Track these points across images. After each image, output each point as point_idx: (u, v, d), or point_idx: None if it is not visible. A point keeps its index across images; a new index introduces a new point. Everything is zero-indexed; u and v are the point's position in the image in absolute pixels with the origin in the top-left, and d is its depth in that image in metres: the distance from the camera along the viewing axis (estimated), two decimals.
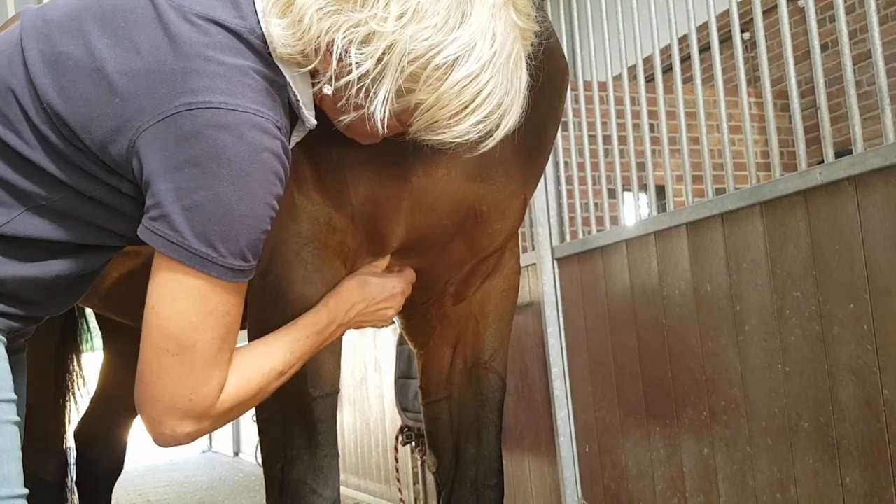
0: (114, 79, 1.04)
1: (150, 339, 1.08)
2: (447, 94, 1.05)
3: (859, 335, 1.98)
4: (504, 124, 1.11)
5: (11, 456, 1.10)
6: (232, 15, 1.07)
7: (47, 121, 1.07)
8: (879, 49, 2.04)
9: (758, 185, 2.25)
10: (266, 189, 1.06)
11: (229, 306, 1.09)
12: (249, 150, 1.03)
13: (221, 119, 1.02)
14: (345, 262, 1.46)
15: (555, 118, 1.68)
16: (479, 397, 1.76)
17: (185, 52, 1.03)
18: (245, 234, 1.05)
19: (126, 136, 1.03)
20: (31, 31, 1.11)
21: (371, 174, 1.41)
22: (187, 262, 1.04)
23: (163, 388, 1.08)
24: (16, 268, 1.12)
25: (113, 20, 1.07)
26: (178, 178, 1.02)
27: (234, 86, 1.04)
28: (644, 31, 2.85)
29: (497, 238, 1.64)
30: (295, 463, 1.47)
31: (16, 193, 1.10)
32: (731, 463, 2.37)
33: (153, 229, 1.05)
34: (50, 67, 1.07)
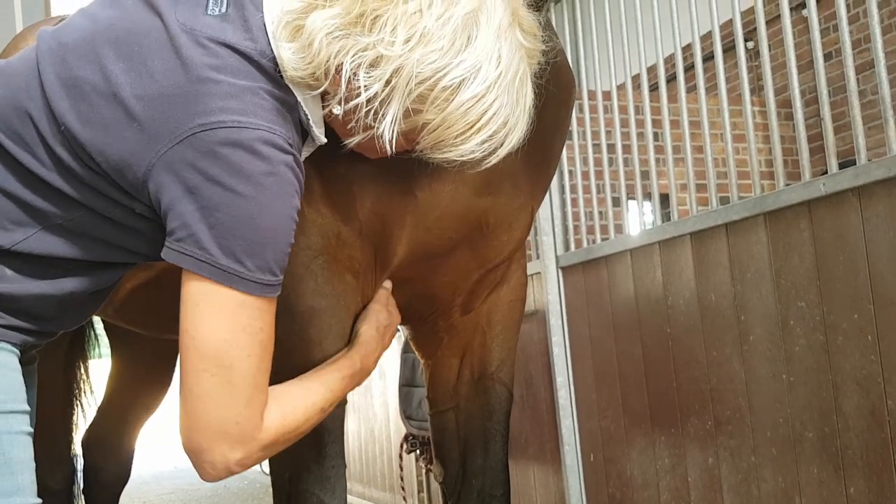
0: (130, 103, 1.06)
1: (188, 363, 1.09)
2: (453, 115, 1.07)
3: (864, 345, 1.98)
4: (508, 142, 1.12)
5: (26, 466, 1.12)
6: (242, 38, 1.09)
7: (64, 143, 1.09)
8: (882, 59, 2.04)
9: (762, 195, 2.26)
10: (285, 201, 1.08)
11: (262, 322, 1.10)
12: (266, 165, 1.05)
13: (235, 137, 1.04)
14: (355, 275, 1.47)
15: (561, 131, 1.69)
16: (486, 408, 1.77)
17: (197, 76, 1.05)
18: (270, 247, 1.07)
19: (144, 159, 1.05)
20: (47, 54, 1.12)
21: (378, 188, 1.42)
22: (216, 279, 1.06)
23: (208, 413, 1.08)
24: (31, 285, 1.14)
25: (127, 45, 1.09)
26: (199, 197, 1.04)
27: (246, 105, 1.06)
28: (648, 40, 2.86)
29: (504, 250, 1.65)
30: (302, 473, 1.47)
31: (32, 212, 1.12)
32: (736, 473, 2.37)
33: (180, 250, 1.06)
34: (67, 91, 1.09)
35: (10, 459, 1.10)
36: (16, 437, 1.12)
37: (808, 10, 2.25)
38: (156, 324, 2.20)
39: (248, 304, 1.08)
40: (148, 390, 2.84)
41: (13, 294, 1.13)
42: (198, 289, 1.07)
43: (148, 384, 2.84)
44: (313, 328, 1.40)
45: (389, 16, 1.04)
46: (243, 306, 1.08)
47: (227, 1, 1.12)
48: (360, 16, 1.05)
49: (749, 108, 2.46)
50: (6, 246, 1.11)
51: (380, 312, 1.50)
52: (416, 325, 1.82)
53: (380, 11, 1.04)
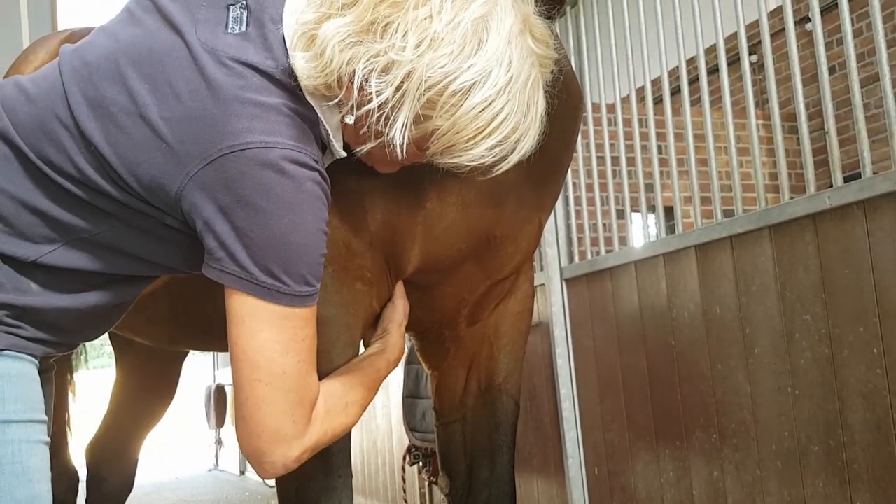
0: (158, 125, 1.08)
1: (241, 374, 1.13)
2: (463, 119, 1.08)
3: (869, 359, 1.97)
4: (519, 149, 1.13)
5: (43, 475, 1.15)
6: (264, 57, 1.12)
7: (93, 161, 1.11)
8: (887, 73, 2.05)
9: (767, 208, 2.26)
10: (315, 216, 1.11)
11: (306, 330, 1.15)
12: (294, 183, 1.08)
13: (263, 157, 1.07)
14: (366, 283, 1.48)
15: (569, 144, 1.69)
16: (493, 420, 1.77)
17: (223, 97, 1.08)
18: (304, 261, 1.11)
19: (175, 180, 1.08)
20: (71, 74, 1.15)
21: (387, 201, 1.43)
22: (258, 296, 1.10)
23: (265, 418, 1.13)
24: (55, 298, 1.17)
25: (150, 65, 1.11)
26: (233, 218, 1.07)
27: (272, 125, 1.09)
28: (652, 53, 2.87)
29: (511, 262, 1.66)
30: (309, 483, 1.47)
31: (58, 227, 1.15)
32: (741, 486, 2.36)
33: (220, 268, 1.10)
34: (94, 112, 1.11)
35: (28, 468, 1.12)
36: (34, 446, 1.14)
37: (813, 23, 2.26)
38: (162, 334, 2.20)
39: (291, 315, 1.12)
40: (152, 401, 2.83)
41: (38, 307, 1.16)
42: (242, 305, 1.11)
43: (152, 395, 2.83)
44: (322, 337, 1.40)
45: (400, 22, 1.05)
46: (288, 318, 1.12)
47: (246, 19, 1.14)
48: (371, 23, 1.06)
49: (754, 121, 2.47)
50: (32, 258, 1.14)
51: (399, 309, 1.55)
52: (423, 336, 1.82)
53: (391, 18, 1.06)
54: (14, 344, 1.14)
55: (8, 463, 1.10)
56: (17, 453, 1.11)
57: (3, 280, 1.13)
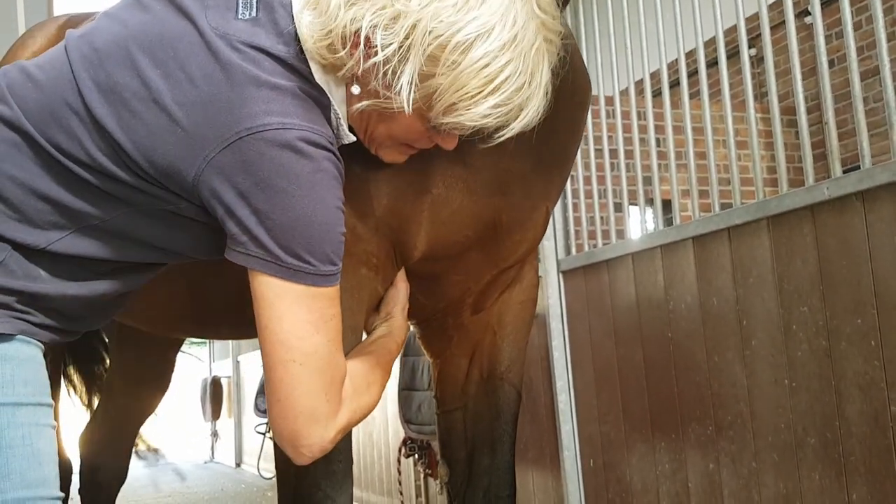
0: (172, 110, 1.09)
1: (274, 356, 1.14)
2: (465, 74, 1.08)
3: (867, 351, 1.97)
4: (523, 116, 1.13)
5: (51, 458, 1.16)
6: (275, 41, 1.13)
7: (105, 148, 1.11)
8: (888, 65, 2.04)
9: (765, 199, 2.25)
10: (334, 194, 1.13)
11: (333, 309, 1.16)
12: (312, 163, 1.09)
13: (281, 138, 1.07)
14: (372, 269, 1.49)
15: (577, 133, 1.69)
16: (495, 408, 1.77)
17: (237, 80, 1.09)
18: (327, 240, 1.12)
19: (193, 165, 1.09)
20: (80, 60, 1.15)
21: (393, 187, 1.44)
22: (285, 277, 1.11)
23: (300, 398, 1.14)
24: (64, 286, 1.18)
25: (161, 50, 1.12)
26: (254, 201, 1.08)
27: (287, 106, 1.09)
28: (651, 45, 2.86)
29: (517, 249, 1.66)
30: (309, 468, 1.47)
31: (68, 214, 1.15)
32: (737, 478, 2.36)
33: (245, 252, 1.11)
34: (106, 98, 1.11)
35: (38, 451, 1.13)
36: (42, 429, 1.15)
37: (813, 16, 2.25)
38: (162, 322, 2.20)
39: (318, 295, 1.13)
40: (146, 392, 2.83)
41: (47, 294, 1.16)
42: (269, 288, 1.12)
43: (146, 386, 2.83)
44: None
45: None
46: (315, 298, 1.13)
47: (256, 4, 1.15)
48: None
49: (752, 113, 2.46)
50: (41, 245, 1.15)
51: (402, 292, 1.56)
52: (426, 323, 1.82)
53: None
54: (24, 329, 1.15)
55: (18, 445, 1.11)
56: (27, 436, 1.12)
57: (13, 267, 1.14)
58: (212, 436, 9.17)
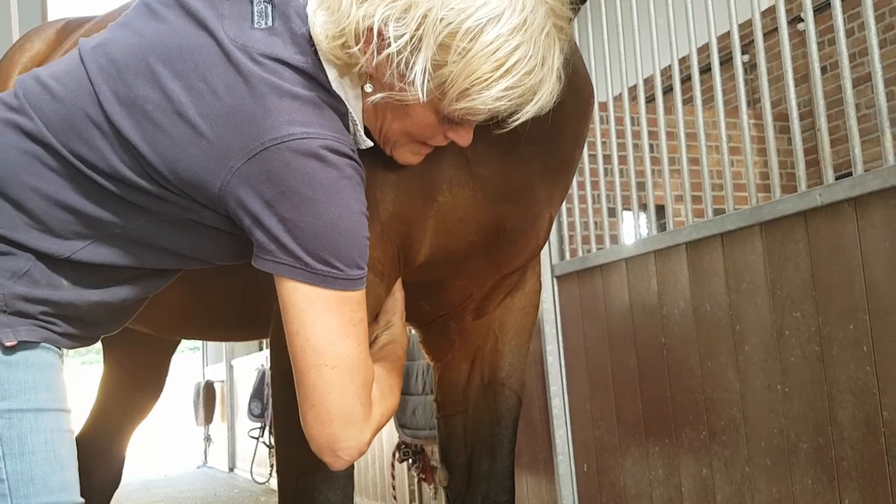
0: (196, 122, 1.10)
1: (306, 361, 1.15)
2: (477, 58, 1.09)
3: (859, 356, 1.98)
4: (536, 99, 1.14)
5: (71, 464, 1.18)
6: (293, 52, 1.14)
7: (129, 160, 1.13)
8: (879, 72, 2.06)
9: (757, 205, 2.26)
10: (357, 200, 1.14)
11: (361, 312, 1.19)
12: (336, 170, 1.11)
13: (305, 147, 1.09)
14: (378, 275, 1.49)
15: (579, 141, 1.71)
16: (495, 413, 1.77)
17: (260, 92, 1.10)
18: (353, 245, 1.14)
19: (218, 176, 1.10)
20: (98, 72, 1.16)
21: (399, 194, 1.45)
22: (314, 283, 1.13)
23: (335, 402, 1.15)
24: (85, 293, 1.20)
25: (181, 62, 1.13)
26: (280, 210, 1.10)
27: (310, 116, 1.11)
28: (645, 51, 2.87)
29: (521, 255, 1.67)
30: (311, 472, 1.48)
31: (91, 223, 1.17)
32: (730, 483, 2.36)
33: (274, 259, 1.13)
34: (128, 110, 1.13)
35: (59, 456, 1.15)
36: (63, 434, 1.17)
37: (806, 23, 2.27)
38: (167, 323, 2.20)
39: (347, 299, 1.15)
40: (139, 396, 2.82)
41: (70, 302, 1.18)
42: (299, 295, 1.14)
43: (139, 390, 2.82)
44: None
45: None
46: (345, 302, 1.15)
47: (271, 14, 1.17)
48: None
49: (745, 119, 2.47)
50: (65, 255, 1.17)
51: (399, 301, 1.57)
52: (427, 328, 1.83)
53: None
54: (47, 338, 1.17)
55: (41, 451, 1.13)
56: (50, 441, 1.14)
57: (38, 277, 1.16)
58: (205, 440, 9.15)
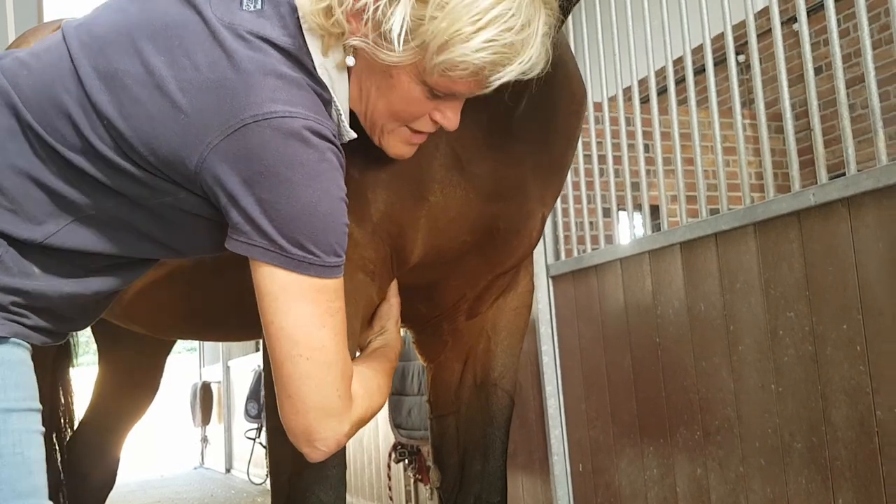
0: (176, 96, 1.07)
1: (281, 352, 1.13)
2: (457, 9, 1.08)
3: (852, 356, 1.98)
4: (519, 60, 1.12)
5: (40, 467, 1.13)
6: (281, 33, 1.12)
7: (104, 135, 1.10)
8: (872, 72, 2.06)
9: (751, 205, 2.27)
10: (337, 185, 1.12)
11: (338, 301, 1.15)
12: (316, 153, 1.09)
13: (288, 126, 1.07)
14: (369, 275, 1.49)
15: (572, 141, 1.71)
16: (487, 414, 1.77)
17: (244, 68, 1.08)
18: (331, 230, 1.11)
19: (195, 151, 1.07)
20: (80, 48, 1.13)
21: (390, 194, 1.45)
22: (289, 268, 1.09)
23: (311, 393, 1.13)
24: (58, 282, 1.16)
25: (166, 38, 1.11)
26: (258, 189, 1.07)
27: (294, 96, 1.09)
28: (640, 53, 2.88)
29: (514, 255, 1.67)
30: (303, 473, 1.48)
31: (64, 204, 1.13)
32: (725, 483, 2.37)
33: (248, 241, 1.10)
34: (107, 84, 1.10)
35: (28, 459, 1.10)
36: (32, 436, 1.12)
37: (799, 23, 2.27)
38: (163, 324, 2.20)
39: (323, 287, 1.12)
40: (135, 396, 2.82)
41: (42, 292, 1.15)
42: (273, 281, 1.10)
43: (134, 390, 2.82)
44: None
45: None
46: (321, 291, 1.12)
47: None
48: None
49: (739, 120, 2.48)
50: (39, 240, 1.13)
51: (395, 307, 1.56)
52: (421, 328, 1.83)
53: None
54: (17, 332, 1.13)
55: (9, 454, 1.08)
56: (18, 443, 1.09)
57: (10, 264, 1.12)
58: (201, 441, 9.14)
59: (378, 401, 1.28)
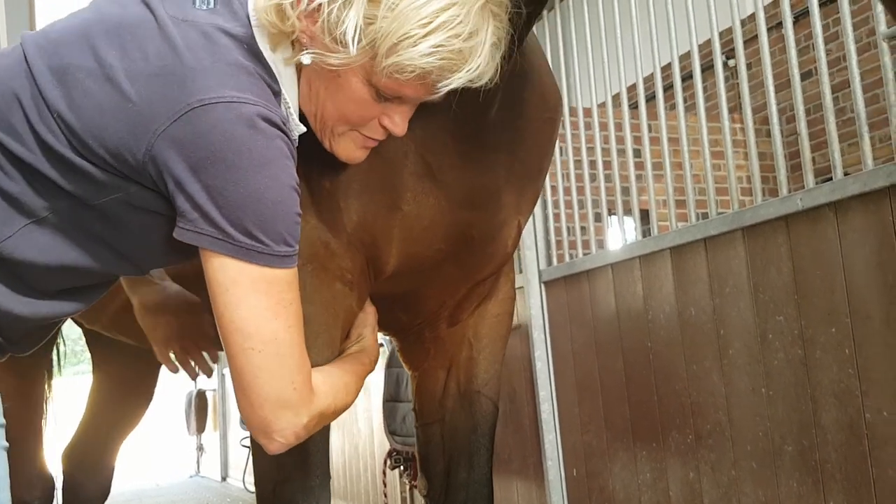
0: (125, 86, 1.07)
1: (233, 345, 1.12)
2: (407, 11, 1.08)
3: (841, 359, 2.00)
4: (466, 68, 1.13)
5: (4, 484, 1.11)
6: (233, 25, 1.13)
7: (55, 131, 1.09)
8: (858, 77, 2.08)
9: (740, 210, 2.29)
10: (287, 173, 1.10)
11: (290, 294, 1.14)
12: (265, 139, 1.07)
13: (235, 112, 1.06)
14: (347, 284, 1.49)
15: (548, 148, 1.71)
16: (471, 421, 1.78)
17: (193, 55, 1.08)
18: (280, 219, 1.09)
19: (143, 140, 1.06)
20: (35, 49, 1.13)
21: (362, 204, 1.45)
22: (237, 257, 1.08)
23: (264, 386, 1.12)
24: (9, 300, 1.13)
25: (119, 35, 1.11)
26: (205, 176, 1.05)
27: (242, 83, 1.08)
28: (628, 59, 2.89)
29: (490, 263, 1.67)
30: (287, 483, 1.48)
31: (16, 206, 1.11)
32: (717, 487, 2.38)
33: (195, 229, 1.08)
34: (59, 80, 1.09)
35: None
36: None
37: (784, 28, 2.29)
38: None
39: (273, 278, 1.11)
40: (129, 406, 2.82)
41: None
42: (223, 271, 1.09)
43: (129, 400, 2.82)
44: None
45: None
46: (271, 282, 1.11)
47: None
48: None
49: (727, 125, 2.49)
50: None
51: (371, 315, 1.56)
52: (403, 336, 1.83)
53: None
54: None
55: None
56: None
57: None
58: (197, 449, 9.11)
59: (343, 399, 1.27)
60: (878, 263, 1.90)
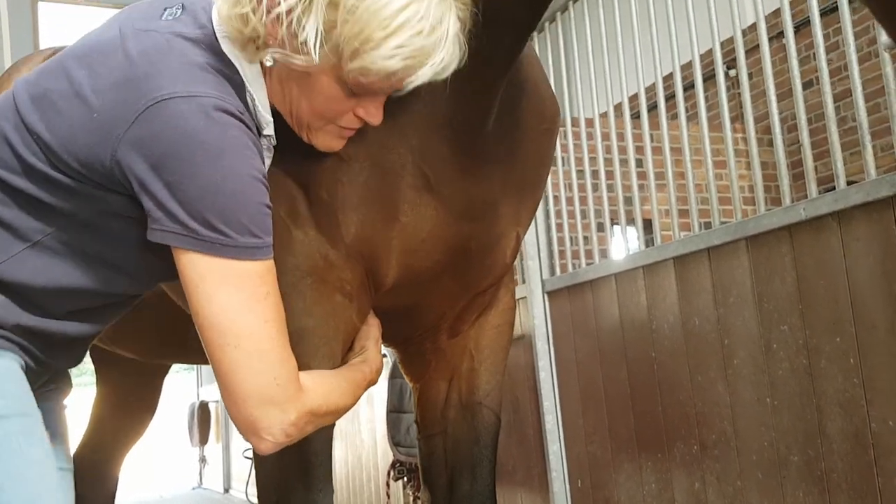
0: (90, 99, 1.09)
1: (210, 342, 1.11)
2: (366, 15, 1.08)
3: (846, 369, 2.00)
4: (431, 63, 1.13)
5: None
6: (192, 29, 1.15)
7: (37, 151, 1.12)
8: (860, 87, 2.09)
9: (743, 220, 2.29)
10: (246, 162, 1.10)
11: (267, 286, 1.13)
12: (219, 129, 1.08)
13: (187, 105, 1.07)
14: (347, 296, 1.49)
15: (545, 160, 1.71)
16: (473, 433, 1.77)
17: (148, 60, 1.10)
18: (242, 209, 1.09)
19: (108, 146, 1.08)
20: (22, 85, 1.18)
21: (360, 216, 1.44)
22: (203, 251, 1.08)
23: (244, 382, 1.11)
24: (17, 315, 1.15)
25: (89, 55, 1.14)
26: (163, 173, 1.06)
27: (196, 77, 1.09)
28: (630, 69, 2.90)
29: (489, 274, 1.67)
30: (290, 496, 1.47)
31: (11, 231, 1.14)
32: (723, 497, 2.37)
33: (161, 228, 1.09)
34: (37, 104, 1.13)
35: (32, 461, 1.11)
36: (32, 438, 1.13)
37: (786, 38, 2.30)
38: (147, 348, 2.20)
39: (244, 271, 1.10)
40: (133, 417, 2.82)
41: None
42: (193, 267, 1.09)
43: (133, 411, 2.82)
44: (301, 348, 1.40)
45: None
46: (243, 275, 1.10)
47: (180, 13, 1.18)
48: None
49: (729, 134, 2.50)
50: None
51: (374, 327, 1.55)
52: (404, 348, 1.83)
53: None
54: None
55: None
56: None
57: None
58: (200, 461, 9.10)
59: (337, 401, 1.26)
60: (883, 273, 1.90)
